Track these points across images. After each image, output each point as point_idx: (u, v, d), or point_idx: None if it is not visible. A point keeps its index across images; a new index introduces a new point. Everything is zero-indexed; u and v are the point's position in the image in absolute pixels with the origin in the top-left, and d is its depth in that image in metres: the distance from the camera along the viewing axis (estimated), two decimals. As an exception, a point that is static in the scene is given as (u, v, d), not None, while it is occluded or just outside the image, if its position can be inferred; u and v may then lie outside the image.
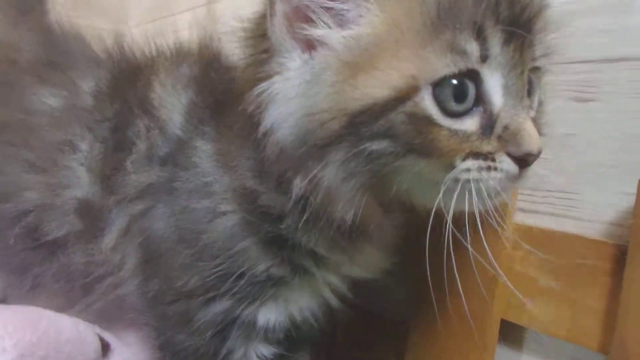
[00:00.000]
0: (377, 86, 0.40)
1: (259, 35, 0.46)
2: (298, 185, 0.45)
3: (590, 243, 0.53)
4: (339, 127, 0.41)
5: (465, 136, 0.40)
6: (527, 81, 0.43)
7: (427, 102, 0.39)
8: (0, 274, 0.70)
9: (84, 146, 0.61)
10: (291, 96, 0.43)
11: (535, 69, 0.46)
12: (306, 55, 0.43)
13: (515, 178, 0.42)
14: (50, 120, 0.63)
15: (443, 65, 0.39)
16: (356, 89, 0.40)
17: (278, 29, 0.44)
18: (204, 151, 0.54)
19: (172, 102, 0.58)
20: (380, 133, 0.40)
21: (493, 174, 0.41)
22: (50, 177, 0.61)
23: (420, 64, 0.39)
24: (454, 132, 0.40)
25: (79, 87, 0.64)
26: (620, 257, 0.50)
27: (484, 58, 0.40)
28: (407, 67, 0.39)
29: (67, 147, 0.61)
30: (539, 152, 0.41)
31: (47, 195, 0.61)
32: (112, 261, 0.59)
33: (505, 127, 0.41)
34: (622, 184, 0.53)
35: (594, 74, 0.56)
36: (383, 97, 0.39)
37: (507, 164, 0.41)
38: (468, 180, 0.41)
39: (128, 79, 0.63)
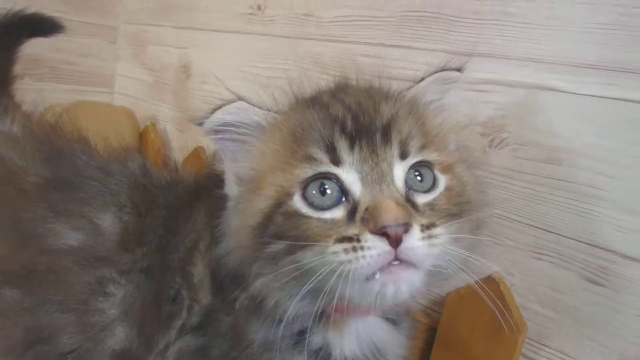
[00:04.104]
0: (261, 201, 0.50)
1: None
2: (243, 298, 0.52)
3: None
4: (249, 244, 0.50)
5: (333, 223, 0.47)
6: (392, 171, 0.49)
7: (296, 202, 0.49)
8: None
9: (115, 290, 0.59)
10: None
11: (421, 163, 0.51)
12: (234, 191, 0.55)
13: (391, 255, 0.44)
14: (74, 259, 0.59)
15: (301, 172, 0.49)
16: (252, 208, 0.51)
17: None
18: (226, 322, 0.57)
19: (207, 283, 0.58)
20: (272, 235, 0.48)
21: (360, 252, 0.44)
22: (83, 318, 0.58)
23: (287, 175, 0.50)
24: (323, 221, 0.48)
25: (97, 224, 0.61)
26: None
27: (336, 162, 0.49)
28: (278, 180, 0.50)
29: (96, 290, 0.58)
30: (398, 223, 0.44)
31: (82, 338, 0.58)
32: None
33: (366, 209, 0.46)
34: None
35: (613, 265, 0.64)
36: (266, 206, 0.50)
37: (372, 242, 0.44)
38: (340, 263, 0.44)
39: (164, 217, 0.62)
